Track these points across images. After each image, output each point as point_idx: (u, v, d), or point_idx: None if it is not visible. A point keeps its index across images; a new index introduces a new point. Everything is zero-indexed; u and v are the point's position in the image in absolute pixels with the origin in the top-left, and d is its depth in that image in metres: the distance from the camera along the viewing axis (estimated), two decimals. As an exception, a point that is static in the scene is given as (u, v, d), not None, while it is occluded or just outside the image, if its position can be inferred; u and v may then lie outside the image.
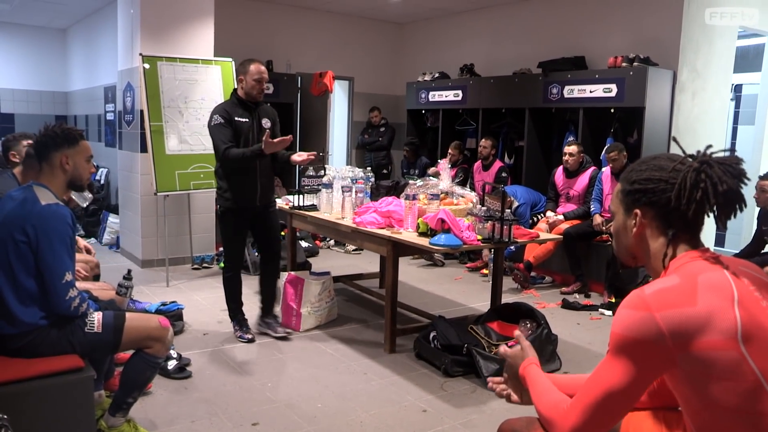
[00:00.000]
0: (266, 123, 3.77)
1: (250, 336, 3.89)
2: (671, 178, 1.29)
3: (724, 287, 1.21)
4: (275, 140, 3.51)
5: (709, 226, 5.64)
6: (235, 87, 3.80)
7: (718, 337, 1.15)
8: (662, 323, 1.18)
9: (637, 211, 1.34)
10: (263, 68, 3.73)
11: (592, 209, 5.25)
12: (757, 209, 4.56)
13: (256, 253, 5.66)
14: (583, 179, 5.41)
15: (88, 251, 3.50)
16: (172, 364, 3.26)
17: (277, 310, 4.13)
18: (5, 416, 1.75)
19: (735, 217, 1.29)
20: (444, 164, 4.40)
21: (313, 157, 3.76)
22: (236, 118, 3.67)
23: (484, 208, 3.64)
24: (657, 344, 1.18)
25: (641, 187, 1.32)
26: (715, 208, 1.26)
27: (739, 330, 1.16)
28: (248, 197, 3.74)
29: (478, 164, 6.27)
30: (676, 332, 1.17)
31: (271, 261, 4.00)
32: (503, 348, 1.61)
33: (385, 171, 7.76)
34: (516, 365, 1.54)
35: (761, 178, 4.34)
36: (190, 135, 5.36)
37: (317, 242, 6.80)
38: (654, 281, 1.28)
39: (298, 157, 3.73)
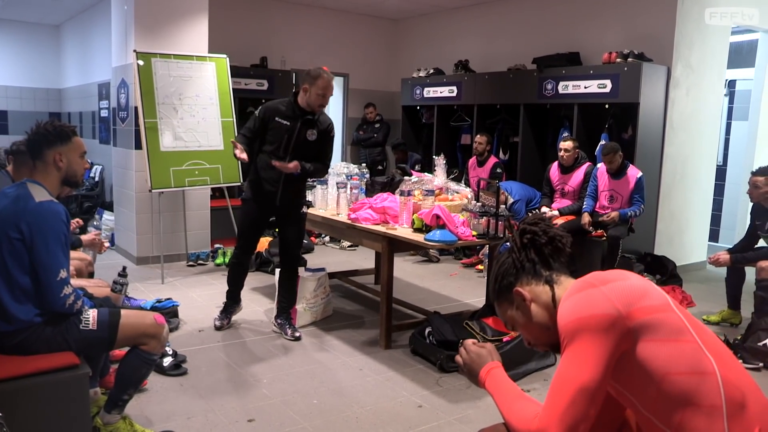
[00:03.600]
0: (311, 135, 3.68)
1: (218, 324, 4.00)
2: (506, 255, 1.51)
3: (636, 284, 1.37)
4: (286, 164, 3.59)
5: (703, 223, 5.59)
6: (295, 90, 3.75)
7: (657, 302, 1.30)
8: (608, 293, 1.30)
9: (515, 290, 1.45)
10: (330, 83, 3.59)
11: (584, 206, 5.22)
12: (751, 204, 4.56)
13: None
14: (578, 175, 5.41)
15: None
16: (167, 361, 3.26)
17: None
18: (0, 413, 1.75)
19: (565, 249, 1.46)
20: (440, 160, 4.40)
21: (290, 167, 3.63)
22: (276, 118, 3.66)
23: (479, 203, 3.65)
24: (610, 315, 1.26)
25: (500, 277, 1.49)
26: (543, 240, 1.44)
27: (670, 301, 1.33)
28: (266, 194, 3.76)
29: (473, 160, 6.27)
30: (622, 299, 1.28)
31: (284, 265, 3.97)
32: (462, 352, 1.56)
33: (380, 167, 7.76)
34: (476, 371, 1.50)
35: (753, 174, 4.34)
36: (185, 132, 5.35)
37: (312, 238, 6.80)
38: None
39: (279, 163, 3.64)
